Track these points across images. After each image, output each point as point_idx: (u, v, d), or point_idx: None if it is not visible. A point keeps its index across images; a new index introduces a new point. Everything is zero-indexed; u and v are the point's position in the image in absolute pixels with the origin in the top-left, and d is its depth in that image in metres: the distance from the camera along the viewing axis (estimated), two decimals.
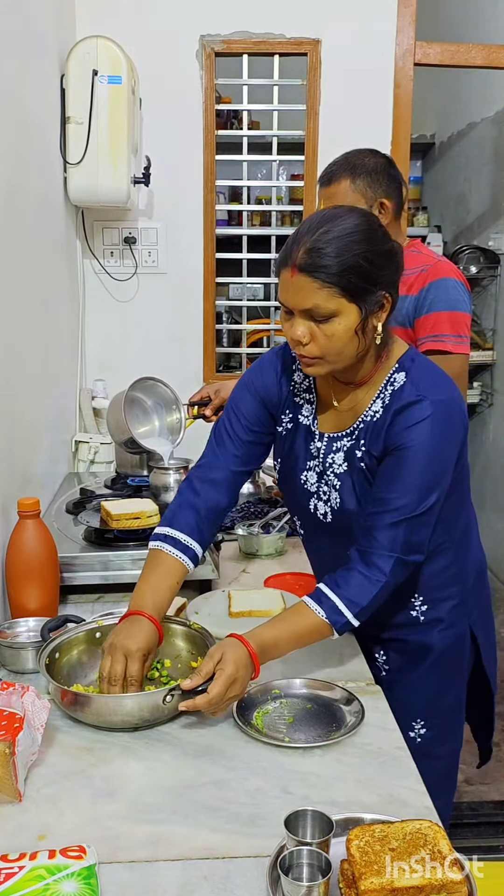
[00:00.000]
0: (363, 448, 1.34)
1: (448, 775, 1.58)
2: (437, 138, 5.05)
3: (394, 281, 1.28)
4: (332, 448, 1.39)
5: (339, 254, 1.21)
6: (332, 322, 1.24)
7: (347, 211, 1.28)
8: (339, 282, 1.22)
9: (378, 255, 1.24)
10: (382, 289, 1.26)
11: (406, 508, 1.27)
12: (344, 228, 1.23)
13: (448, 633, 1.47)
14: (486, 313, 4.27)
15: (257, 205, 3.56)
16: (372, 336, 1.29)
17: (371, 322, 1.27)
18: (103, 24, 2.46)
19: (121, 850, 0.99)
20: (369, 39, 2.68)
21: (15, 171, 1.79)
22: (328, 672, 1.40)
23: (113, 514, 1.75)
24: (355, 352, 1.28)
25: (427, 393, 1.29)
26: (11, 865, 0.91)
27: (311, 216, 1.30)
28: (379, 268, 1.24)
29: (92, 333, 2.76)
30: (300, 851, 0.92)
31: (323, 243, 1.22)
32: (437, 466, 1.29)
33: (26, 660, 1.38)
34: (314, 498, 1.43)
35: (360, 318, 1.24)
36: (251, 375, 1.50)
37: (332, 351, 1.27)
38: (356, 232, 1.23)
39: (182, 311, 2.83)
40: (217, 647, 1.25)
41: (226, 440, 1.47)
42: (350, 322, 1.24)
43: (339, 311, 1.24)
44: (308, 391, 1.44)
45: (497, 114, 4.11)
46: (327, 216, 1.26)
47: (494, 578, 4.20)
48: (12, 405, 1.73)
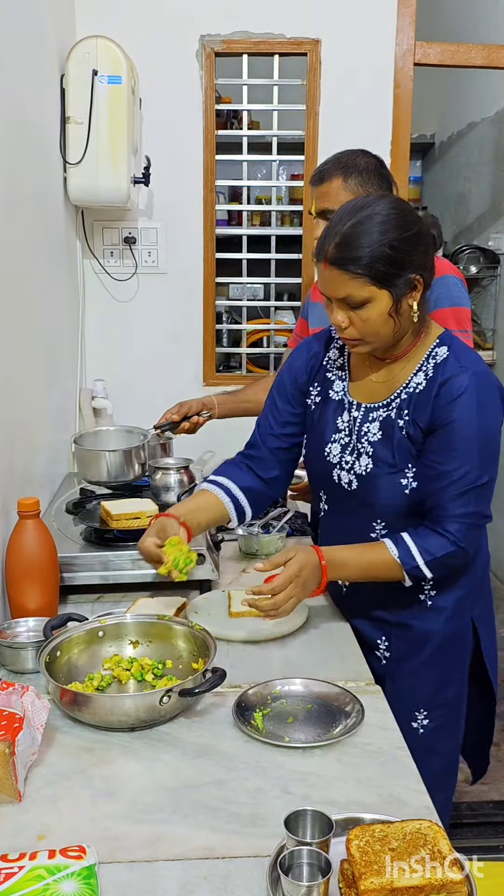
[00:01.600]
0: (406, 418, 1.41)
1: (448, 772, 1.59)
2: (437, 138, 5.05)
3: (424, 262, 1.36)
4: (367, 418, 1.46)
5: (366, 245, 1.30)
6: (366, 308, 1.34)
7: (375, 200, 1.35)
8: (368, 272, 1.31)
9: (404, 241, 1.32)
10: (412, 272, 1.34)
11: (469, 477, 1.35)
12: (370, 219, 1.32)
13: (452, 622, 1.50)
14: (486, 313, 4.27)
15: (257, 205, 3.56)
16: (408, 315, 1.37)
17: (405, 303, 1.36)
18: (103, 24, 2.46)
19: (120, 850, 0.99)
20: (369, 39, 2.68)
21: (15, 171, 1.79)
22: (328, 672, 1.39)
23: (113, 514, 1.75)
24: (392, 332, 1.37)
25: (469, 364, 1.38)
26: (11, 865, 0.91)
27: (342, 207, 1.38)
28: (406, 253, 1.32)
29: (92, 333, 2.76)
30: (300, 851, 0.92)
31: (351, 237, 1.31)
32: (487, 434, 1.36)
33: (26, 660, 1.38)
34: (336, 469, 1.50)
35: (392, 302, 1.34)
36: (290, 358, 1.63)
37: (369, 333, 1.37)
38: (382, 222, 1.32)
39: (182, 311, 2.83)
40: (292, 548, 1.39)
41: (269, 419, 1.60)
42: (383, 306, 1.34)
43: (372, 297, 1.33)
44: (342, 368, 1.54)
45: (497, 114, 4.11)
46: (356, 206, 1.35)
47: (494, 578, 4.20)
48: (12, 405, 1.73)
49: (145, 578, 1.69)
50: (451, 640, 1.51)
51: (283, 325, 3.23)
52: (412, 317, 1.38)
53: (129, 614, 1.49)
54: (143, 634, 1.43)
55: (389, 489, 1.42)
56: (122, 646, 1.42)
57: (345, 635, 1.55)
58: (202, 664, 1.29)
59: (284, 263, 2.95)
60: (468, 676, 1.57)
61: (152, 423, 2.54)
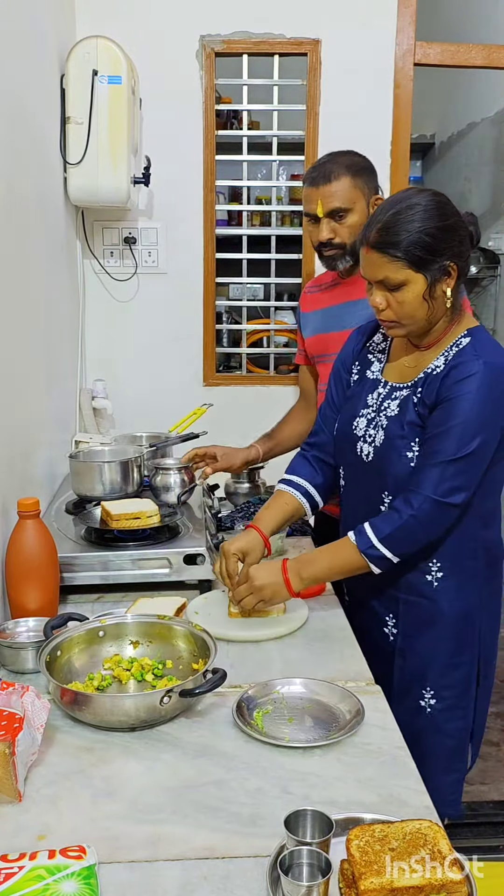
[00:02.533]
0: (419, 395, 1.50)
1: (459, 752, 1.60)
2: (437, 138, 5.05)
3: (459, 251, 1.45)
4: (391, 395, 1.56)
5: (405, 231, 1.42)
6: (402, 290, 1.44)
7: (416, 192, 1.48)
8: (405, 255, 1.42)
9: (441, 229, 1.42)
10: (447, 258, 1.43)
11: (444, 452, 1.41)
12: (410, 209, 1.43)
13: (457, 604, 1.53)
14: (486, 313, 4.27)
15: (257, 205, 3.56)
16: (442, 301, 1.46)
17: (439, 288, 1.45)
18: (103, 24, 2.46)
19: (120, 850, 0.99)
20: (369, 39, 2.67)
21: (15, 171, 1.79)
22: (328, 672, 1.40)
23: (113, 514, 1.75)
24: (426, 315, 1.46)
25: (484, 354, 1.44)
26: (11, 865, 0.91)
27: (385, 200, 1.51)
28: (442, 240, 1.42)
29: (92, 333, 2.76)
30: (300, 851, 0.92)
31: (392, 223, 1.43)
32: (481, 417, 1.41)
33: (26, 660, 1.38)
34: (360, 441, 1.59)
35: (426, 285, 1.43)
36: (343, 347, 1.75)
37: (404, 315, 1.47)
38: (421, 211, 1.43)
39: (182, 311, 2.82)
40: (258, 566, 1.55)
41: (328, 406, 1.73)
42: (418, 289, 1.44)
43: (408, 280, 1.43)
44: (382, 351, 1.65)
45: (497, 114, 4.11)
46: (397, 199, 1.47)
47: None
48: (12, 405, 1.73)
49: (145, 578, 1.69)
50: (460, 622, 1.54)
51: (283, 325, 3.23)
52: (446, 303, 1.47)
53: (129, 614, 1.49)
54: (144, 634, 1.43)
55: (396, 461, 1.50)
56: (123, 646, 1.42)
57: (345, 635, 1.55)
58: (202, 664, 1.29)
59: (284, 263, 2.95)
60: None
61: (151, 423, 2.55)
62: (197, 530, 1.80)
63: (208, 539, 1.79)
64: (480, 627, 1.57)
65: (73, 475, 1.96)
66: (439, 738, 1.53)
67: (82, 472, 1.94)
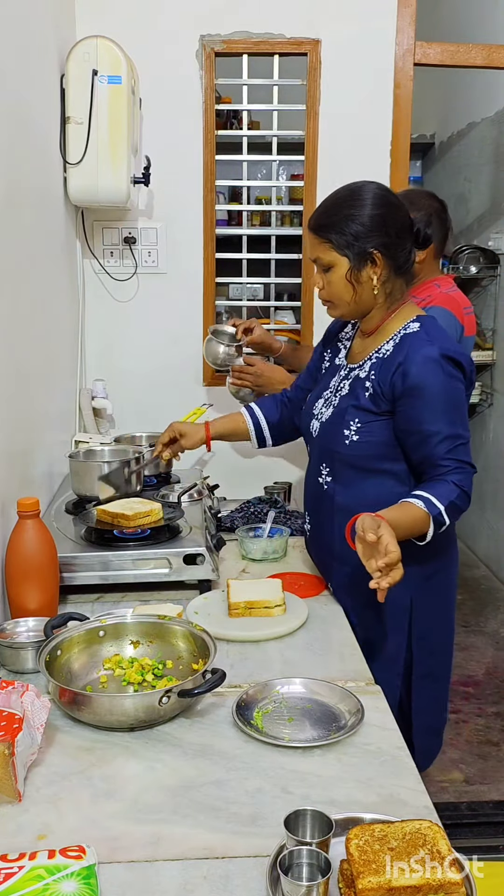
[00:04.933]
0: (372, 378, 1.59)
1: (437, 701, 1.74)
2: (437, 138, 5.05)
3: (388, 243, 1.56)
4: (347, 377, 1.68)
5: (336, 216, 1.57)
6: (331, 271, 1.59)
7: (364, 183, 1.60)
8: (331, 238, 1.57)
9: (371, 217, 1.55)
10: (372, 247, 1.55)
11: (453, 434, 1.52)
12: (348, 195, 1.58)
13: None
14: (486, 313, 4.27)
15: (257, 205, 3.55)
16: (369, 287, 1.59)
17: (365, 273, 1.58)
18: (103, 24, 2.46)
19: (120, 850, 0.99)
20: (369, 39, 2.67)
21: (15, 170, 1.79)
22: (328, 672, 1.40)
23: (110, 512, 1.76)
24: (351, 297, 1.60)
25: (436, 340, 1.55)
26: (11, 865, 0.91)
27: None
28: (369, 228, 1.55)
29: (92, 333, 2.76)
30: (300, 851, 0.92)
31: (327, 208, 1.60)
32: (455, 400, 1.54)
33: (26, 660, 1.38)
34: (314, 419, 1.74)
35: (349, 268, 1.57)
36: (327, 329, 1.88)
37: (333, 295, 1.62)
38: (357, 199, 1.56)
39: (182, 311, 2.82)
40: (370, 521, 1.43)
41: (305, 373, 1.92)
42: (342, 271, 1.58)
43: (334, 262, 1.58)
44: (350, 339, 1.77)
45: (497, 114, 4.11)
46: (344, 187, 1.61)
47: (494, 578, 4.20)
48: (12, 405, 1.73)
49: (145, 578, 1.69)
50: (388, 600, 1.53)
51: (283, 325, 3.23)
52: (373, 290, 1.58)
53: (128, 614, 1.49)
54: (144, 634, 1.43)
55: (334, 436, 1.63)
56: (123, 646, 1.42)
57: (345, 635, 1.55)
58: (202, 664, 1.29)
59: (284, 263, 2.95)
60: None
61: (151, 423, 2.54)
62: (197, 530, 1.80)
63: (208, 539, 1.79)
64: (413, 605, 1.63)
65: (72, 475, 1.97)
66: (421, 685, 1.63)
67: (82, 472, 1.94)
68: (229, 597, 1.59)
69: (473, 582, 4.14)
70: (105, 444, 2.21)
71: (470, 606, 3.84)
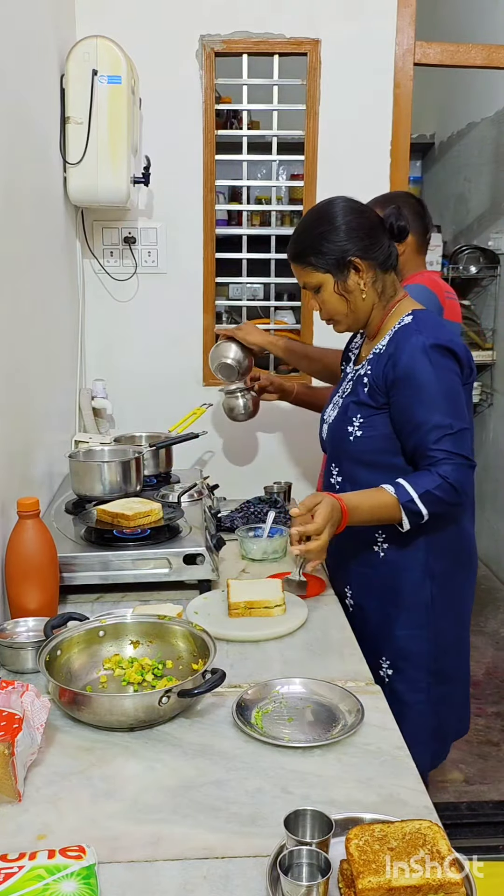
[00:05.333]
0: (369, 372, 1.62)
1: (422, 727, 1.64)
2: (437, 138, 5.05)
3: (362, 247, 1.58)
4: (352, 378, 1.71)
5: (304, 241, 1.62)
6: (321, 291, 1.63)
7: (322, 203, 1.64)
8: (310, 261, 1.61)
9: (332, 231, 1.58)
10: (350, 255, 1.58)
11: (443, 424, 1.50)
12: (310, 218, 1.63)
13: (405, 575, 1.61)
14: (485, 313, 4.27)
15: (257, 205, 3.55)
16: (359, 293, 1.61)
17: (352, 282, 1.60)
18: (103, 24, 2.46)
19: (120, 850, 0.99)
20: (369, 39, 2.67)
21: (15, 171, 1.79)
22: (328, 672, 1.40)
23: (110, 512, 1.76)
24: (346, 309, 1.63)
25: (425, 330, 1.55)
26: (11, 865, 0.91)
27: None
28: (335, 242, 1.58)
29: (92, 333, 2.76)
30: (300, 851, 0.92)
31: (297, 237, 1.64)
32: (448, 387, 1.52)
33: (26, 660, 1.38)
34: (324, 423, 1.78)
35: (334, 282, 1.60)
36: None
37: (331, 312, 1.65)
38: (315, 220, 1.61)
39: (182, 311, 2.82)
40: (317, 493, 1.51)
41: None
42: (330, 287, 1.61)
43: (321, 281, 1.62)
44: (358, 347, 1.80)
45: (497, 114, 4.11)
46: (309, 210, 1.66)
47: (494, 578, 4.20)
48: (12, 405, 1.73)
49: (145, 578, 1.69)
50: (407, 594, 1.61)
51: (282, 325, 3.23)
52: (362, 294, 1.61)
53: (128, 614, 1.49)
54: (144, 634, 1.43)
55: (340, 435, 1.66)
56: (123, 646, 1.42)
57: (345, 635, 1.55)
58: (202, 664, 1.29)
59: (284, 263, 2.91)
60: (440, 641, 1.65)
61: (151, 423, 2.55)
62: (197, 530, 1.80)
63: (208, 539, 1.79)
64: (433, 602, 1.62)
65: (72, 475, 1.97)
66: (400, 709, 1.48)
67: (82, 472, 1.94)
68: (229, 597, 1.59)
69: None
70: (105, 444, 2.20)
71: None
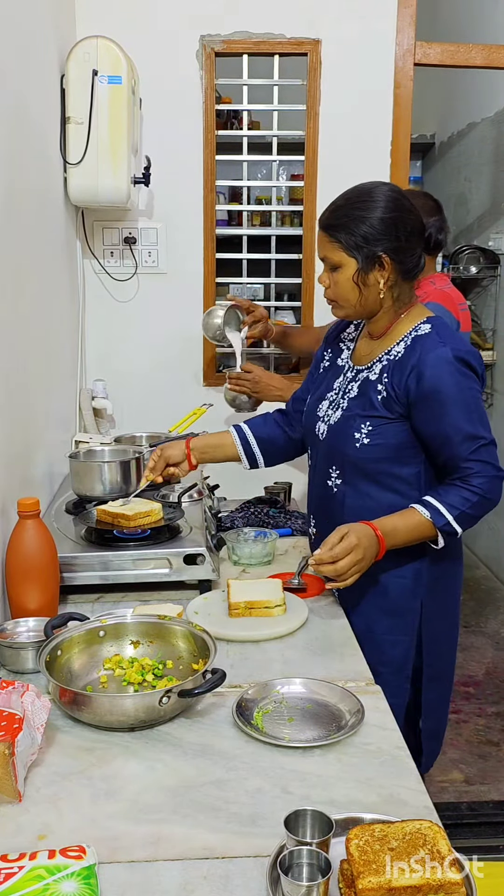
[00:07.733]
0: (385, 381, 1.57)
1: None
2: (437, 138, 5.05)
3: (398, 247, 1.53)
4: (354, 379, 1.65)
5: (346, 216, 1.53)
6: (339, 271, 1.56)
7: (378, 184, 1.57)
8: (341, 237, 1.53)
9: (381, 220, 1.52)
10: (381, 250, 1.52)
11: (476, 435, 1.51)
12: (360, 196, 1.55)
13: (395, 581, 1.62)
14: (486, 313, 4.27)
15: (257, 205, 3.56)
16: (375, 290, 1.56)
17: (372, 276, 1.55)
18: (103, 24, 2.46)
19: (120, 850, 0.99)
20: (369, 39, 2.68)
21: (15, 171, 1.79)
22: (328, 672, 1.40)
23: (110, 512, 1.76)
24: (357, 299, 1.57)
25: (448, 341, 1.53)
26: (11, 865, 0.91)
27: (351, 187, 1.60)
28: (379, 231, 1.52)
29: (92, 333, 2.76)
30: (300, 851, 0.92)
31: (339, 207, 1.56)
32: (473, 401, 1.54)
33: (26, 660, 1.38)
34: (320, 421, 1.70)
35: (356, 269, 1.54)
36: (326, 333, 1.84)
37: (339, 296, 1.59)
38: (369, 200, 1.53)
39: (182, 311, 2.82)
40: (344, 526, 1.49)
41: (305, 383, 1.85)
42: (349, 272, 1.55)
43: (342, 262, 1.55)
44: (353, 340, 1.73)
45: (497, 114, 4.11)
46: (358, 187, 1.57)
47: (494, 578, 4.20)
48: (12, 405, 1.73)
49: (145, 578, 1.69)
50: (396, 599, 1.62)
51: (282, 325, 3.23)
52: (379, 293, 1.56)
53: (129, 614, 1.49)
54: (144, 634, 1.43)
55: (345, 439, 1.60)
56: (123, 646, 1.42)
57: (345, 635, 1.55)
58: (202, 664, 1.29)
59: (284, 263, 2.95)
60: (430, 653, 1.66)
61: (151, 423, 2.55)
62: (197, 530, 1.80)
63: (208, 539, 1.79)
64: (423, 609, 1.63)
65: (72, 475, 1.97)
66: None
67: (82, 472, 1.94)
68: (229, 597, 1.59)
69: (473, 582, 4.14)
70: (105, 444, 2.20)
71: (470, 606, 3.84)
